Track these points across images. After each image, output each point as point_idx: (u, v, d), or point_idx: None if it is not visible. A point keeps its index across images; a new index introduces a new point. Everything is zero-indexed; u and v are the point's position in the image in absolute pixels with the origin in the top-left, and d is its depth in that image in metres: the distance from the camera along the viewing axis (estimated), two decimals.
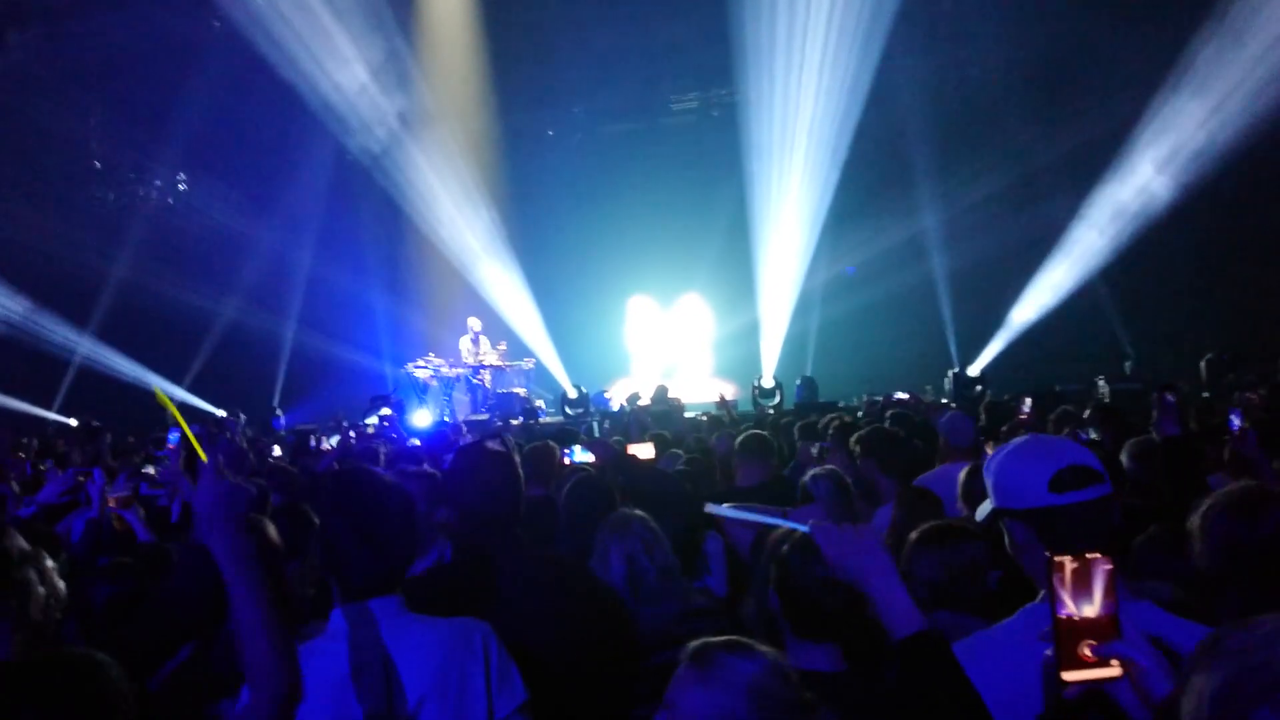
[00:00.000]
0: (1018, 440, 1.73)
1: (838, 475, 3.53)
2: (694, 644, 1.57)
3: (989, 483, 1.71)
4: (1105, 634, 1.13)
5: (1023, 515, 1.63)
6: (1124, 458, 3.70)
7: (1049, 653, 1.16)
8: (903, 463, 4.09)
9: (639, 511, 2.90)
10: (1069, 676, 1.13)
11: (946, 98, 13.86)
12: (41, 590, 1.87)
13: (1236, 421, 3.66)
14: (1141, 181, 12.34)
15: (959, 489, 3.49)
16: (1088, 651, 1.13)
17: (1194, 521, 1.94)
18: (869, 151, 13.67)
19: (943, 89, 13.89)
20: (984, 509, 1.74)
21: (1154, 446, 3.27)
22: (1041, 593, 1.58)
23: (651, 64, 15.17)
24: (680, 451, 5.32)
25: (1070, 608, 1.14)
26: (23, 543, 1.90)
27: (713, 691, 1.50)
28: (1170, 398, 3.03)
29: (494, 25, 14.40)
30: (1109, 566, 1.15)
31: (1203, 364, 10.78)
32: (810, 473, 3.59)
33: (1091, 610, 1.13)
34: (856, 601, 2.06)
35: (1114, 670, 1.12)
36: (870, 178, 13.91)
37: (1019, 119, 13.08)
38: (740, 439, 4.45)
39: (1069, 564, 1.15)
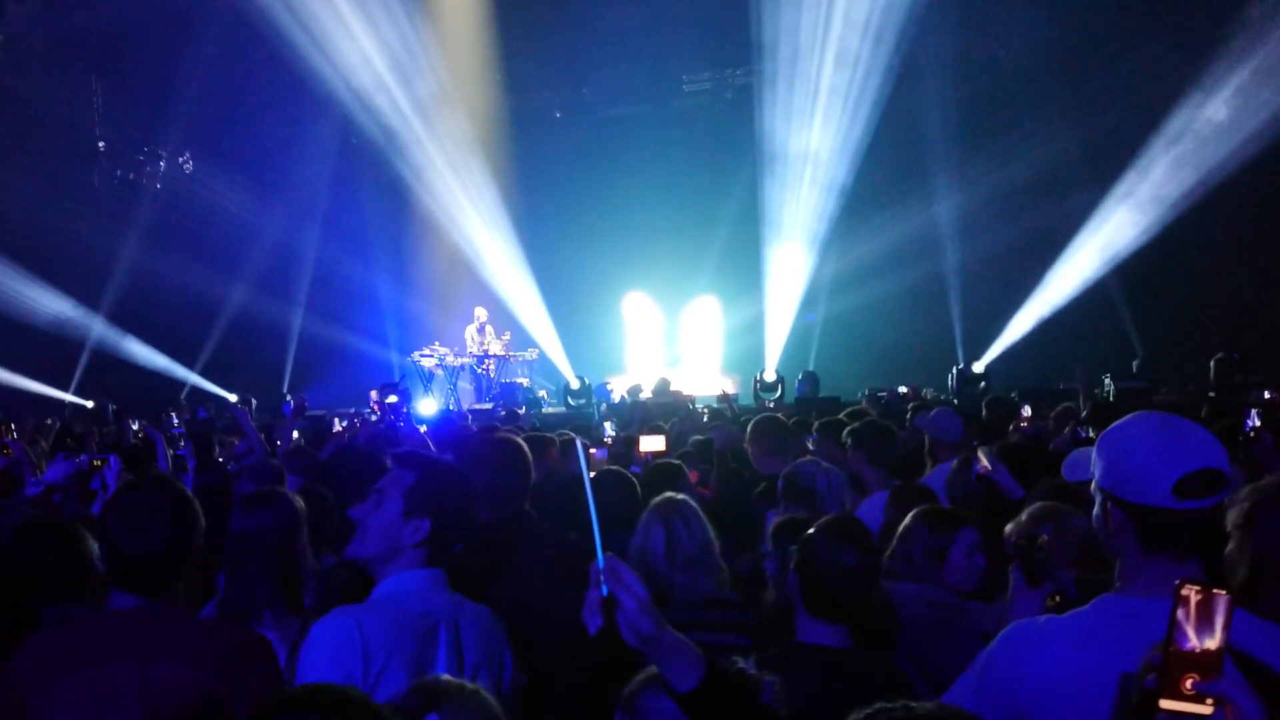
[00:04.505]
0: (1148, 419, 1.58)
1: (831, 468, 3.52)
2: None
3: (1100, 458, 1.59)
4: (1211, 671, 1.12)
5: (1130, 507, 1.53)
6: None
7: (1149, 677, 1.16)
8: (892, 456, 4.11)
9: (683, 495, 3.00)
10: (1167, 705, 1.13)
11: (972, 82, 13.57)
12: None
13: (1252, 422, 3.59)
14: (1160, 176, 12.27)
15: (947, 482, 3.54)
16: (1189, 684, 1.13)
17: (1236, 514, 1.88)
18: (887, 138, 13.45)
19: (968, 72, 13.60)
20: (1089, 474, 1.64)
21: None
22: (1119, 584, 1.57)
23: (663, 42, 14.81)
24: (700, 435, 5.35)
25: (1190, 639, 1.14)
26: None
27: None
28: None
29: (501, 3, 14.22)
30: (1230, 602, 1.14)
31: (1212, 363, 10.81)
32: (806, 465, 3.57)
33: (1204, 644, 1.13)
34: (868, 592, 2.18)
35: (1208, 709, 1.12)
36: (887, 166, 13.71)
37: (1044, 107, 12.93)
38: (754, 422, 4.31)
39: (1194, 595, 1.14)
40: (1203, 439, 1.53)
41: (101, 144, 16.15)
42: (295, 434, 5.58)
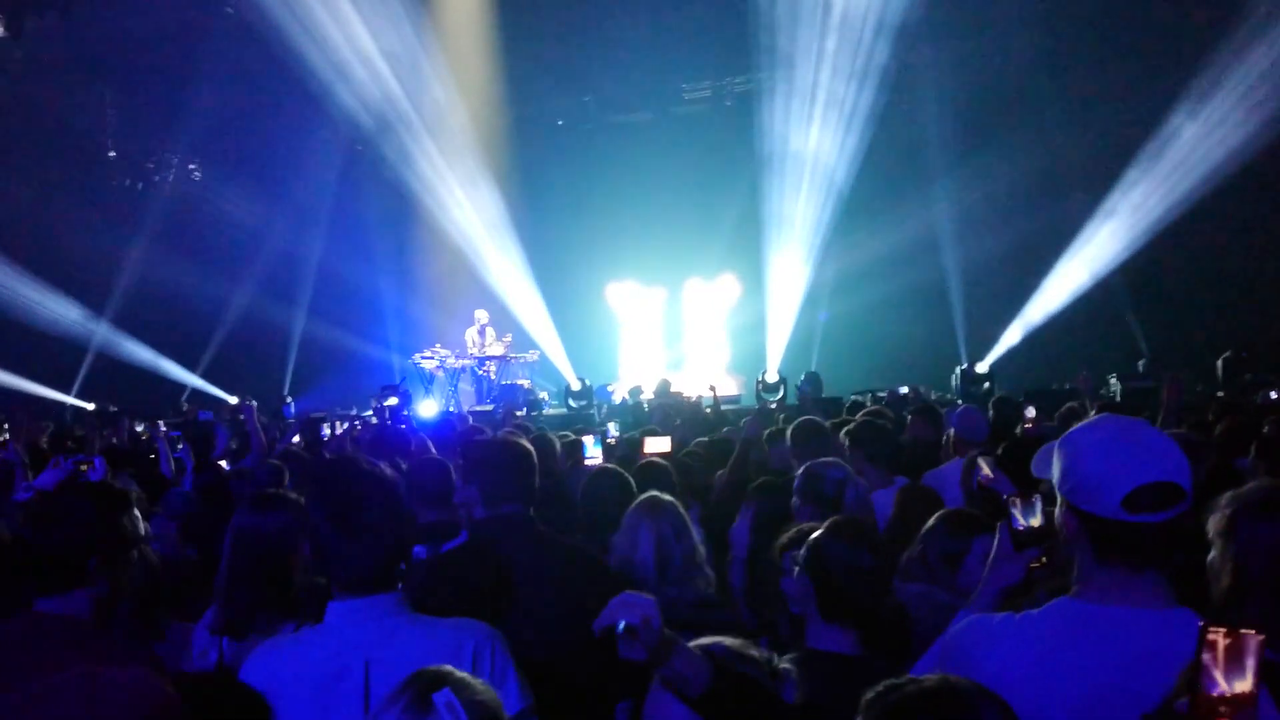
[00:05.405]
0: (1107, 425, 1.55)
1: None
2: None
3: (1057, 461, 1.58)
4: (1244, 716, 1.08)
5: (1082, 515, 1.51)
6: None
7: None
8: (889, 454, 4.10)
9: (668, 497, 2.94)
10: None
11: (969, 86, 13.52)
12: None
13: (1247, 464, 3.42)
14: (1163, 176, 12.21)
15: (961, 479, 3.51)
16: None
17: (1217, 522, 1.83)
18: (886, 142, 13.49)
19: (965, 77, 13.55)
20: (1050, 472, 1.61)
21: (1194, 446, 2.93)
22: (1076, 588, 1.54)
23: (664, 51, 14.97)
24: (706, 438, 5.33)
25: (1220, 684, 1.09)
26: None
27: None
28: None
29: (504, 13, 14.30)
30: (1260, 643, 1.09)
31: (1219, 362, 10.73)
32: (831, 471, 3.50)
33: (1234, 688, 1.09)
34: (882, 595, 2.13)
35: None
36: (887, 169, 13.73)
37: (1042, 110, 12.92)
38: (796, 424, 4.27)
39: (1222, 638, 1.10)
40: (1162, 450, 1.48)
41: (112, 153, 16.31)
42: (296, 437, 5.58)
